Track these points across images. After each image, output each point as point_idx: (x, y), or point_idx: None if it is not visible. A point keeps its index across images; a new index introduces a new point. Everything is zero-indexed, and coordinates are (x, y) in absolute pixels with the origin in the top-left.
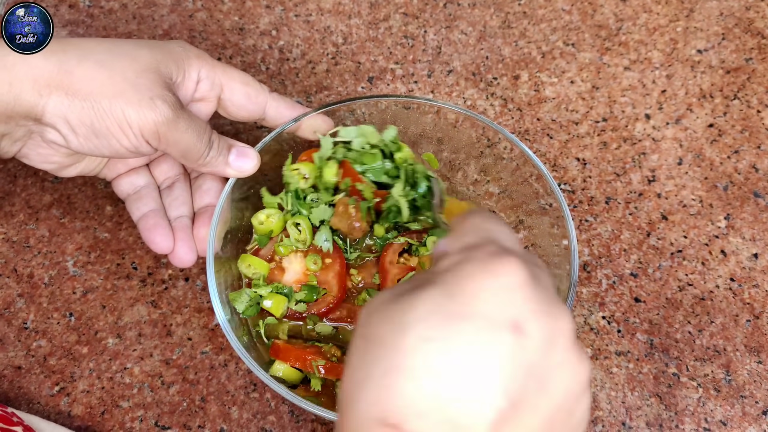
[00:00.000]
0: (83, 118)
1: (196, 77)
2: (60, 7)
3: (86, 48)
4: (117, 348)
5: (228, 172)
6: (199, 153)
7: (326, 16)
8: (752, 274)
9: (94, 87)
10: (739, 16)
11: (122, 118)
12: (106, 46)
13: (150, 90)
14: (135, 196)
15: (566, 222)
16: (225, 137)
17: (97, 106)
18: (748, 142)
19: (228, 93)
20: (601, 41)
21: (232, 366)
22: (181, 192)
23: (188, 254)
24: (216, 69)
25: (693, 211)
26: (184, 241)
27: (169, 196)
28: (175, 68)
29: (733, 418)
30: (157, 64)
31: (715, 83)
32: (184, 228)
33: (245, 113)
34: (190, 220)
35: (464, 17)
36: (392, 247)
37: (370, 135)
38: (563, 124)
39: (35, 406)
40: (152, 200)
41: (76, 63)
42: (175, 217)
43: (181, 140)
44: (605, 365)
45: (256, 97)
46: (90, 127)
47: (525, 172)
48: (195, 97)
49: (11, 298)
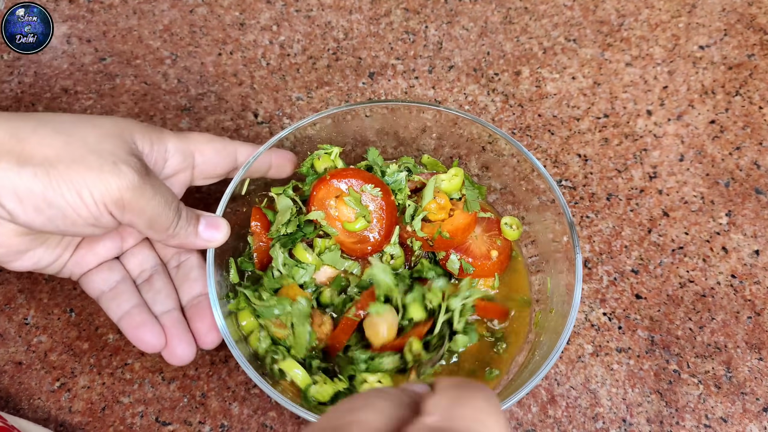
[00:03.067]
0: (34, 186)
1: (164, 151)
2: (60, 3)
3: (44, 118)
4: (117, 344)
5: (197, 243)
6: (168, 222)
7: (327, 12)
8: (753, 270)
9: (50, 153)
10: (741, 12)
11: (81, 185)
12: (66, 117)
13: (113, 155)
14: (111, 293)
15: (566, 218)
16: (191, 208)
17: (52, 171)
18: (749, 139)
19: (199, 157)
20: (602, 37)
21: (232, 362)
22: (163, 285)
23: (186, 350)
24: (182, 139)
25: (694, 207)
26: (180, 337)
27: (149, 290)
28: (140, 137)
29: (734, 414)
30: (120, 131)
31: (716, 79)
32: (176, 323)
33: (220, 170)
34: (180, 314)
35: (465, 13)
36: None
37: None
38: (564, 120)
39: (36, 402)
40: (132, 295)
41: (32, 130)
42: (162, 312)
43: (147, 208)
44: (606, 362)
45: (224, 149)
46: (42, 195)
47: (525, 168)
48: (165, 173)
49: (12, 294)
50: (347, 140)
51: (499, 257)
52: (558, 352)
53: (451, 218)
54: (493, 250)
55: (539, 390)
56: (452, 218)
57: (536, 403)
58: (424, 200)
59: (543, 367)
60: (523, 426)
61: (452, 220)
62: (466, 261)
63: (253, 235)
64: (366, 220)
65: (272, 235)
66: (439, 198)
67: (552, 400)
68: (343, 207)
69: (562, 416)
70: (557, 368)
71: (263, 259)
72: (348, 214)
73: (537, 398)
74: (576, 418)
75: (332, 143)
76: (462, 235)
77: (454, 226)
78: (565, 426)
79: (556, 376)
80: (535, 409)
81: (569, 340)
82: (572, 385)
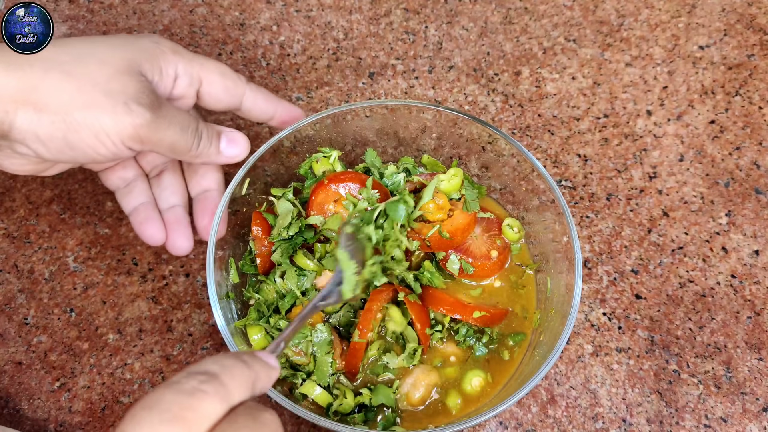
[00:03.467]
0: (54, 132)
1: (174, 73)
2: (60, 3)
3: (51, 58)
4: (117, 344)
5: (220, 160)
6: (187, 146)
7: (327, 12)
8: (753, 270)
9: (64, 99)
10: (741, 12)
11: (98, 128)
12: (73, 51)
13: (123, 93)
14: (125, 189)
15: (566, 218)
16: (212, 124)
17: (68, 119)
18: (749, 139)
19: (206, 86)
20: (602, 37)
21: None
22: (171, 181)
23: (184, 243)
24: (193, 63)
25: (694, 207)
26: (179, 231)
27: (158, 186)
28: (149, 66)
29: (734, 414)
30: (128, 65)
31: (716, 79)
32: (178, 218)
33: (223, 105)
34: (183, 209)
35: (465, 13)
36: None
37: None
38: (564, 121)
39: (36, 402)
40: (142, 192)
41: (42, 75)
42: (167, 208)
43: (164, 138)
44: (606, 362)
45: (234, 89)
46: (63, 140)
47: (525, 168)
48: (173, 94)
49: (12, 294)
50: (347, 140)
51: (499, 257)
52: (558, 352)
53: (451, 218)
54: (493, 250)
55: (539, 390)
56: (452, 218)
57: (536, 403)
58: (423, 200)
59: (543, 367)
60: (523, 426)
61: (452, 220)
62: (466, 261)
63: (255, 240)
64: None
65: (274, 238)
66: (438, 198)
67: (552, 400)
68: (342, 211)
69: (562, 416)
70: (557, 368)
71: (265, 263)
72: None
73: (537, 398)
74: (576, 418)
75: (332, 143)
76: (462, 235)
77: (453, 227)
78: (565, 426)
79: (556, 376)
80: (535, 409)
81: (569, 340)
82: (572, 385)
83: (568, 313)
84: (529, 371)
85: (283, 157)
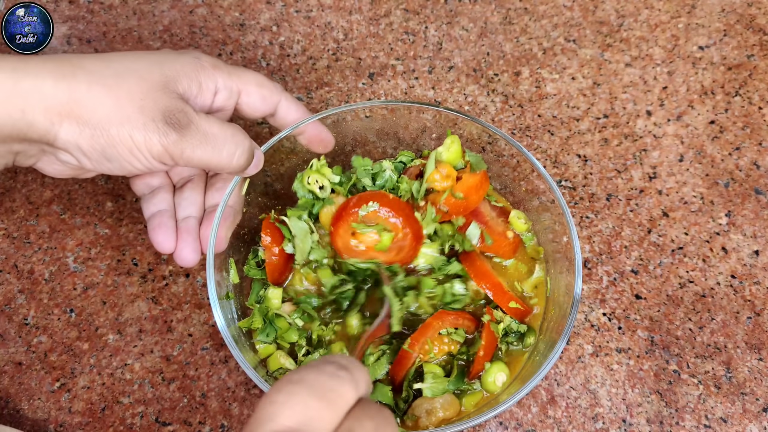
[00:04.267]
0: (94, 144)
1: (214, 88)
2: (60, 3)
3: (96, 71)
4: (117, 344)
5: (238, 174)
6: (220, 166)
7: (327, 12)
8: (753, 271)
9: (103, 114)
10: (740, 13)
11: (131, 143)
12: (116, 66)
13: (153, 111)
14: (149, 195)
15: (566, 219)
16: (254, 144)
17: (106, 134)
18: (749, 139)
19: (245, 97)
20: (602, 37)
21: (232, 362)
22: (191, 192)
23: (190, 255)
24: (232, 77)
25: (694, 208)
26: (188, 241)
27: (179, 196)
28: (187, 82)
29: (734, 415)
30: (164, 81)
31: (716, 80)
32: (189, 229)
33: (259, 114)
34: (197, 221)
35: (465, 13)
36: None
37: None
38: (564, 121)
39: (36, 402)
40: (163, 200)
41: (86, 90)
42: (183, 218)
43: (194, 157)
44: (606, 362)
45: (270, 97)
46: (101, 152)
47: (525, 168)
48: (213, 107)
49: (12, 294)
50: (347, 141)
51: (514, 238)
52: (558, 353)
53: (461, 181)
54: (508, 231)
55: (539, 390)
56: (461, 181)
57: (536, 403)
58: (427, 172)
59: (543, 367)
60: (523, 426)
61: (462, 182)
62: (486, 231)
63: (265, 250)
64: (387, 230)
65: (299, 263)
66: (442, 168)
67: (552, 401)
68: (364, 237)
69: (562, 416)
70: (557, 368)
71: (274, 272)
72: (372, 238)
73: (537, 398)
74: (576, 419)
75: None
76: (476, 193)
77: (465, 186)
78: (565, 426)
79: (556, 376)
80: (535, 409)
81: (569, 340)
82: (572, 386)
83: (568, 313)
84: (529, 371)
85: (283, 157)
